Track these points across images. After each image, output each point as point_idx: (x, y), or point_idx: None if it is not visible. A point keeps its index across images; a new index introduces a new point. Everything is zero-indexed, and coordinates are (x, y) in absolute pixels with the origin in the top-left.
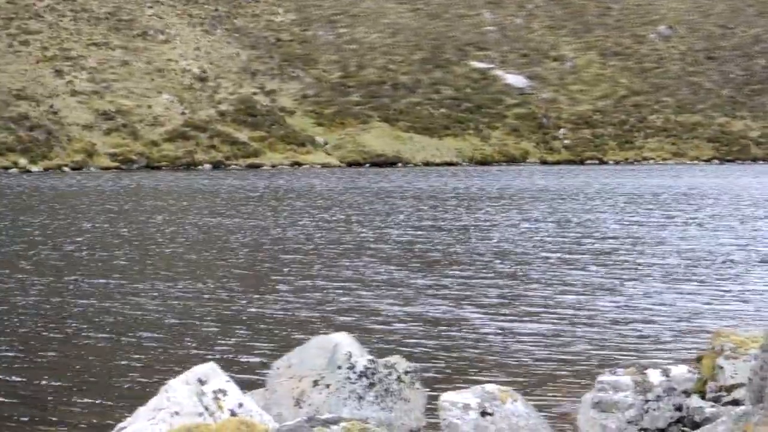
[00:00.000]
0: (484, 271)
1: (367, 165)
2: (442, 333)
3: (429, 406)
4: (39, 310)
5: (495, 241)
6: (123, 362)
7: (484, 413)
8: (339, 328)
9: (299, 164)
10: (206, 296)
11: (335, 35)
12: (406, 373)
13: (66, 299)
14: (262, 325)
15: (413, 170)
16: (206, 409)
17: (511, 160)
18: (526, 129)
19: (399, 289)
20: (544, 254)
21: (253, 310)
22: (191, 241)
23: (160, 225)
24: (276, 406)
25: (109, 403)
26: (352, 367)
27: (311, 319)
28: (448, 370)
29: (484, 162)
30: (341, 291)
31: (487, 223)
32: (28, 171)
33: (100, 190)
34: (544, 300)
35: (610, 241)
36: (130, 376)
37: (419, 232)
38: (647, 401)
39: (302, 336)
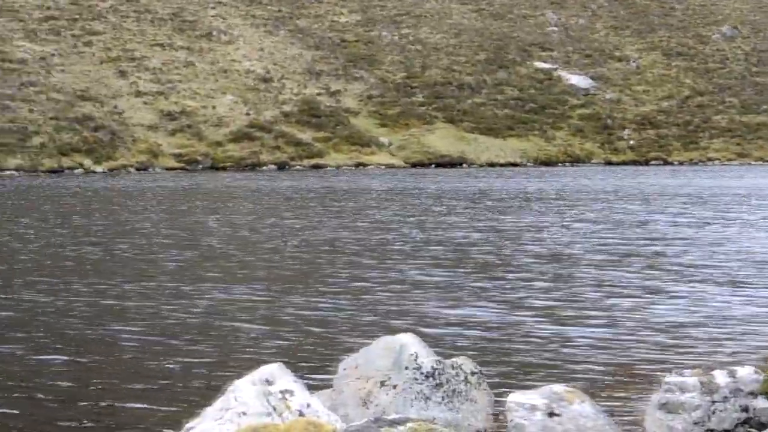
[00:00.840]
0: (538, 273)
1: (432, 166)
2: (498, 336)
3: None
4: (102, 312)
5: (551, 242)
6: (189, 363)
7: (551, 414)
8: (395, 330)
9: (363, 165)
10: (263, 297)
11: (399, 36)
12: (473, 374)
13: (134, 301)
14: (319, 327)
15: (476, 171)
16: (274, 409)
17: (576, 161)
18: (590, 130)
19: (452, 291)
20: (599, 256)
21: (309, 311)
22: (246, 242)
23: (216, 225)
24: (342, 406)
25: (176, 403)
26: (418, 368)
27: (368, 321)
28: (507, 373)
29: (548, 162)
30: (397, 293)
31: (545, 224)
32: (93, 171)
33: (163, 190)
34: (599, 302)
35: (668, 242)
36: (197, 376)
37: (475, 234)
38: (714, 402)
39: (360, 338)
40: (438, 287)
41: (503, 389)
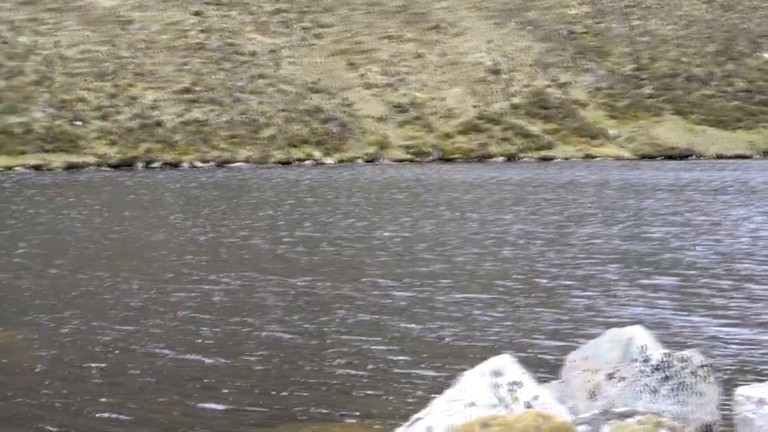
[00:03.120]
0: (721, 272)
1: (660, 158)
2: (726, 330)
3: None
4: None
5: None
6: (418, 355)
7: None
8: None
9: (592, 157)
10: (489, 288)
11: (629, 27)
12: (701, 366)
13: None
14: (538, 322)
15: (702, 163)
16: (501, 400)
17: None
18: None
19: (628, 289)
20: None
21: (528, 304)
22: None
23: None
24: (570, 398)
25: (404, 394)
26: (646, 361)
27: (597, 313)
28: (735, 367)
29: None
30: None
31: (744, 221)
32: (322, 163)
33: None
34: None
35: None
36: (425, 368)
37: (669, 228)
38: None
39: (589, 330)
40: (611, 285)
41: (731, 383)
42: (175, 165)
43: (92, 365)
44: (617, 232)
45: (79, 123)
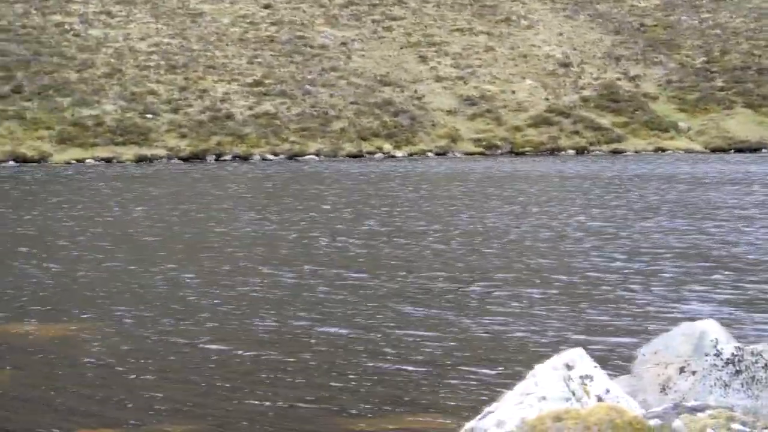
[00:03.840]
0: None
1: (731, 151)
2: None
3: None
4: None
5: None
6: (485, 349)
7: None
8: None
9: (662, 150)
10: (557, 284)
11: (699, 20)
12: None
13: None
14: (609, 316)
15: None
16: (573, 394)
17: None
18: None
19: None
20: None
21: (592, 299)
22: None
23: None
24: (641, 392)
25: (474, 388)
26: (718, 354)
27: (671, 307)
28: None
29: None
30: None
31: None
32: (393, 156)
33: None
34: None
35: None
36: (493, 362)
37: (734, 223)
38: None
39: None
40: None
41: None
42: (245, 158)
43: (149, 360)
44: (680, 226)
45: (149, 116)
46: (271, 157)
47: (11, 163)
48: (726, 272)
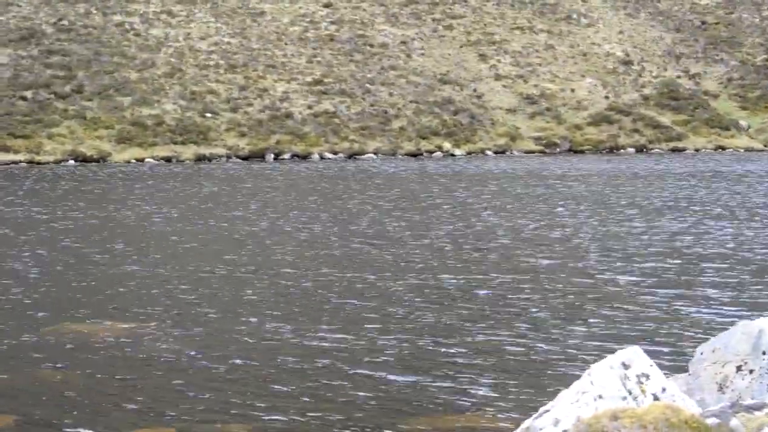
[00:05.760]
0: None
1: None
2: None
3: None
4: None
5: None
6: (540, 349)
7: None
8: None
9: (722, 148)
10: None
11: (760, 18)
12: None
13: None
14: (667, 315)
15: None
16: (629, 392)
17: None
18: None
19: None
20: None
21: (663, 296)
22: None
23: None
24: (698, 391)
25: (530, 386)
26: None
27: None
28: None
29: None
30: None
31: None
32: (452, 155)
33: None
34: None
35: None
36: (549, 362)
37: None
38: None
39: (715, 323)
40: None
41: None
42: (304, 157)
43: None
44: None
45: (209, 115)
46: (330, 155)
47: (71, 162)
48: None
